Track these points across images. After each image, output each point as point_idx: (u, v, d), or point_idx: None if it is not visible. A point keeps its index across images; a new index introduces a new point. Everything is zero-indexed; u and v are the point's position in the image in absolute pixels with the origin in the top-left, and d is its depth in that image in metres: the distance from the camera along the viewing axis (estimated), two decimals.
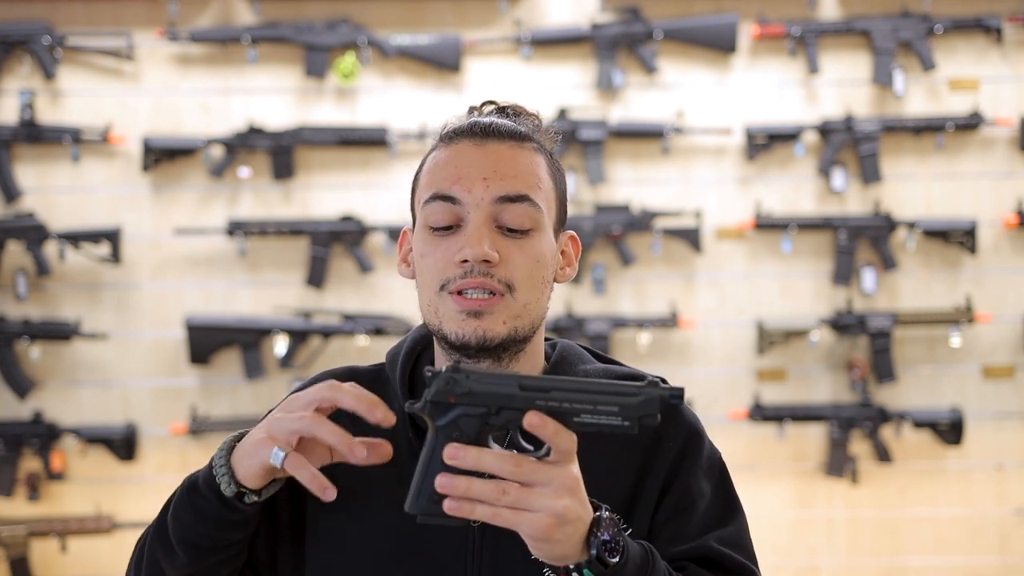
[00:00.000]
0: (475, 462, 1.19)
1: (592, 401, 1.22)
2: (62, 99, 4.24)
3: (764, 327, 4.21)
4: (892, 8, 4.32)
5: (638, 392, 1.22)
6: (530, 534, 1.20)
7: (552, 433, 1.20)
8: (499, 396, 1.22)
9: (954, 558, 4.32)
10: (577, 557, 1.24)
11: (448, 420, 1.23)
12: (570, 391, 1.22)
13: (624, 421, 1.22)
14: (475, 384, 1.22)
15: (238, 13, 4.27)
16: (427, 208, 1.41)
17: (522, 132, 1.45)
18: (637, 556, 1.28)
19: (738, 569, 1.43)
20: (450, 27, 4.29)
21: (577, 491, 1.22)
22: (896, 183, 4.31)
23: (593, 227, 4.18)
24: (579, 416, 1.21)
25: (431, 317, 1.41)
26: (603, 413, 1.22)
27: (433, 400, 1.23)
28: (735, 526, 1.46)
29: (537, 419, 1.20)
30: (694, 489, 1.44)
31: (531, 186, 1.41)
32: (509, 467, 1.19)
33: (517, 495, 1.19)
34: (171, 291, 4.24)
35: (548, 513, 1.19)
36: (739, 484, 1.53)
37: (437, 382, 1.23)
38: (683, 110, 4.25)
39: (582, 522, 1.23)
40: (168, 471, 4.24)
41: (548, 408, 1.21)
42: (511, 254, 1.38)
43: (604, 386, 1.23)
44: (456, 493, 1.19)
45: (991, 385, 4.32)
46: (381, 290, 4.23)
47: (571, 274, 1.49)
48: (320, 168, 4.26)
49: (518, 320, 1.38)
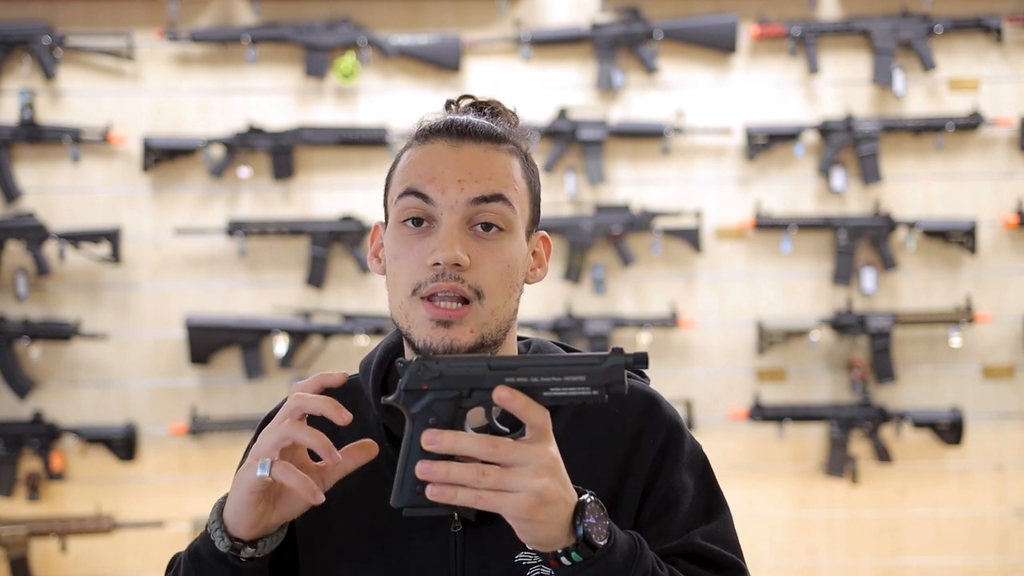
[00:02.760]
0: (451, 445, 1.21)
1: (559, 373, 1.24)
2: (62, 99, 4.24)
3: (764, 327, 4.21)
4: (892, 8, 4.32)
5: (602, 359, 1.24)
6: (513, 515, 1.21)
7: (523, 407, 1.22)
8: (469, 377, 1.25)
9: (954, 558, 4.32)
10: (564, 541, 1.24)
11: (422, 406, 1.25)
12: (537, 366, 1.24)
13: (592, 390, 1.24)
14: (445, 368, 1.25)
15: (238, 13, 4.28)
16: (400, 203, 1.41)
17: (498, 133, 1.44)
18: (625, 543, 1.29)
19: (726, 564, 1.42)
20: (450, 27, 4.29)
21: (557, 471, 1.23)
22: (896, 183, 4.31)
23: (593, 227, 4.18)
24: (548, 390, 1.24)
25: (401, 319, 1.41)
26: (571, 384, 1.24)
27: (406, 388, 1.26)
28: (720, 521, 1.46)
29: (507, 393, 1.22)
30: (677, 485, 1.44)
31: (506, 187, 1.41)
32: (486, 448, 1.20)
33: (496, 476, 1.20)
34: (171, 291, 4.24)
35: (529, 492, 1.20)
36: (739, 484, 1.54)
37: (409, 370, 1.26)
38: (683, 110, 4.25)
39: (565, 503, 1.23)
40: (168, 471, 4.24)
41: (517, 384, 1.23)
42: (482, 259, 1.38)
43: (569, 358, 1.25)
44: (436, 479, 1.20)
45: (991, 385, 4.32)
46: (381, 290, 4.19)
47: (542, 275, 1.50)
48: (320, 168, 4.26)
49: (485, 327, 1.39)
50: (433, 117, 1.48)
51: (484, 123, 1.44)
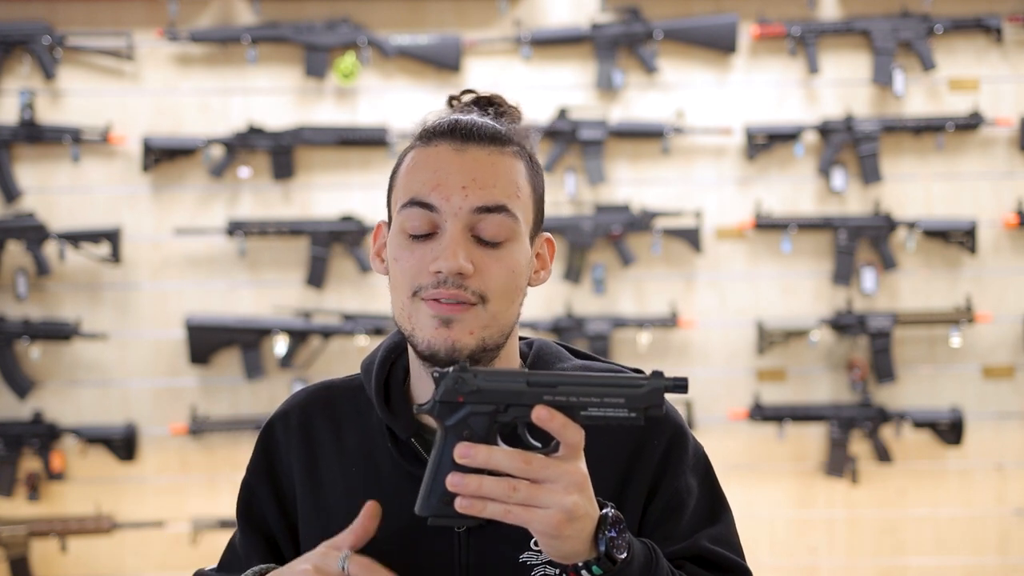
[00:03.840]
0: (486, 459, 1.20)
1: (599, 394, 1.23)
2: (62, 99, 4.24)
3: (764, 327, 4.21)
4: (892, 8, 4.32)
5: (643, 383, 1.24)
6: (541, 530, 1.21)
7: (560, 427, 1.21)
8: (507, 393, 1.23)
9: (954, 558, 4.32)
10: (586, 554, 1.25)
11: (457, 419, 1.24)
12: (577, 385, 1.23)
13: (631, 412, 1.23)
14: (483, 382, 1.24)
15: (238, 13, 4.27)
16: (404, 213, 1.40)
17: (503, 135, 1.42)
18: (641, 554, 1.29)
19: (732, 567, 1.43)
20: (450, 27, 4.29)
21: (585, 487, 1.23)
22: (896, 183, 4.31)
23: (593, 227, 4.18)
24: (586, 409, 1.23)
25: (404, 321, 1.40)
26: (610, 405, 1.23)
27: (442, 400, 1.24)
28: (724, 523, 1.46)
29: (545, 413, 1.21)
30: (683, 488, 1.44)
31: (510, 195, 1.40)
32: (519, 464, 1.20)
33: (527, 492, 1.20)
34: (171, 291, 4.24)
35: (558, 509, 1.20)
36: (739, 484, 1.54)
37: (445, 382, 1.24)
38: (683, 110, 4.25)
39: (590, 519, 1.24)
40: (168, 471, 4.24)
41: (556, 403, 1.23)
42: (486, 265, 1.38)
43: (609, 379, 1.24)
44: (467, 491, 1.20)
45: (991, 385, 4.32)
46: (381, 290, 4.23)
47: (545, 277, 1.49)
48: (320, 168, 4.26)
49: (487, 330, 1.38)
50: (436, 116, 1.46)
51: (489, 124, 1.43)
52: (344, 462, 1.46)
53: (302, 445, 1.48)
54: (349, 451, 1.46)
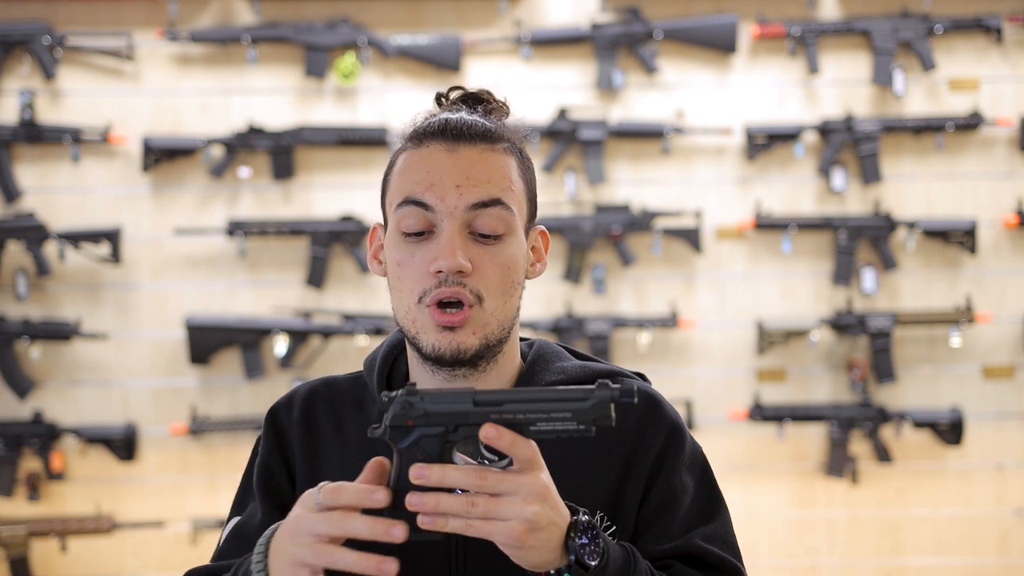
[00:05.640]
0: (440, 479, 1.22)
1: (545, 410, 1.24)
2: (62, 99, 4.24)
3: (764, 327, 4.21)
4: (892, 8, 4.32)
5: (588, 396, 1.24)
6: (504, 542, 1.22)
7: (509, 444, 1.23)
8: (455, 415, 1.25)
9: (954, 558, 4.32)
10: (556, 562, 1.26)
11: (409, 442, 1.25)
12: (523, 402, 1.25)
13: (579, 425, 1.24)
14: (430, 405, 1.25)
15: (238, 13, 4.28)
16: (399, 212, 1.41)
17: (493, 132, 1.44)
18: (618, 558, 1.30)
19: (723, 566, 1.43)
20: (450, 27, 4.29)
21: (547, 497, 1.24)
22: (896, 183, 4.31)
23: (593, 227, 4.18)
24: (535, 425, 1.24)
25: (408, 325, 1.42)
26: (558, 420, 1.24)
27: (392, 425, 1.26)
28: (719, 522, 1.47)
29: (493, 431, 1.22)
30: (677, 485, 1.45)
31: (504, 190, 1.41)
32: (474, 480, 1.21)
33: (486, 506, 1.21)
34: (171, 291, 4.24)
35: (519, 520, 1.21)
36: (739, 484, 1.54)
37: (393, 407, 1.26)
38: (683, 110, 4.25)
39: (556, 527, 1.24)
40: (168, 471, 4.24)
41: (503, 420, 1.24)
42: (484, 263, 1.39)
43: (556, 393, 1.25)
44: (427, 510, 1.21)
45: (991, 385, 4.32)
46: (381, 290, 4.23)
47: (541, 269, 1.51)
48: (320, 168, 4.26)
49: (487, 328, 1.40)
50: (425, 116, 1.47)
51: (479, 122, 1.44)
52: (344, 454, 1.47)
53: (304, 435, 1.50)
54: (349, 444, 1.47)
